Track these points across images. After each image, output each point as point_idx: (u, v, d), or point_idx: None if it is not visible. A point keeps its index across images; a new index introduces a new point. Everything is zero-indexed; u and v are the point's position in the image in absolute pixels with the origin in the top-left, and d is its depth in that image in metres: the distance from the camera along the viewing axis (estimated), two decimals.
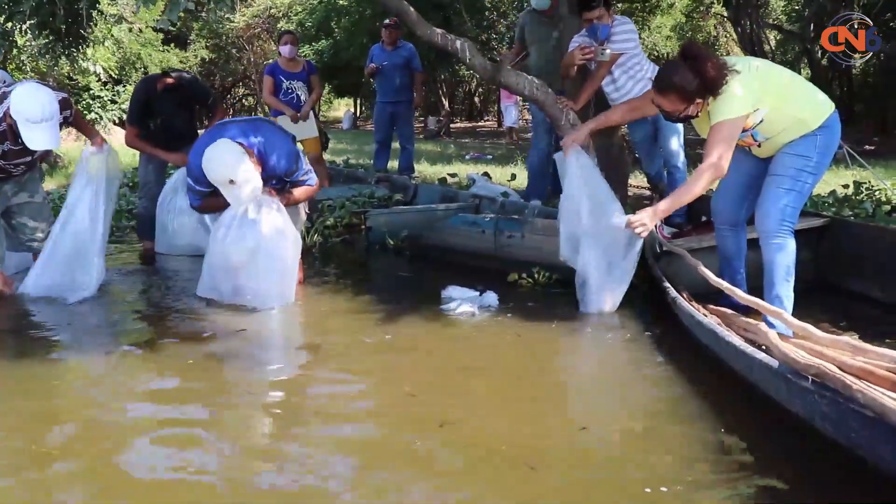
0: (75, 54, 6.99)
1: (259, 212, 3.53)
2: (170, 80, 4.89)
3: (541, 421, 2.44)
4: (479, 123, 22.54)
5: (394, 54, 7.34)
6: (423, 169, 8.66)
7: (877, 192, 5.93)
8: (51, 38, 6.19)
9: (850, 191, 5.85)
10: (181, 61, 18.91)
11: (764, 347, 2.51)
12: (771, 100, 3.09)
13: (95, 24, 7.12)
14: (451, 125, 18.60)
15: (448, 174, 6.76)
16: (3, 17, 5.55)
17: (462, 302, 3.50)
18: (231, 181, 3.43)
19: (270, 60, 23.63)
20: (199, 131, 4.77)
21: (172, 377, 2.87)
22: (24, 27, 5.84)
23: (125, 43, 13.71)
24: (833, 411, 1.99)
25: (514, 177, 6.77)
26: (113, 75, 11.51)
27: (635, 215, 3.23)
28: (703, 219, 4.96)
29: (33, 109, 3.58)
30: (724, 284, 3.19)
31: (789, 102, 3.13)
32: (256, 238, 3.51)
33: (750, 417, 2.36)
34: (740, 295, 3.05)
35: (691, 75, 3.03)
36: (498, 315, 3.48)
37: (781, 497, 1.89)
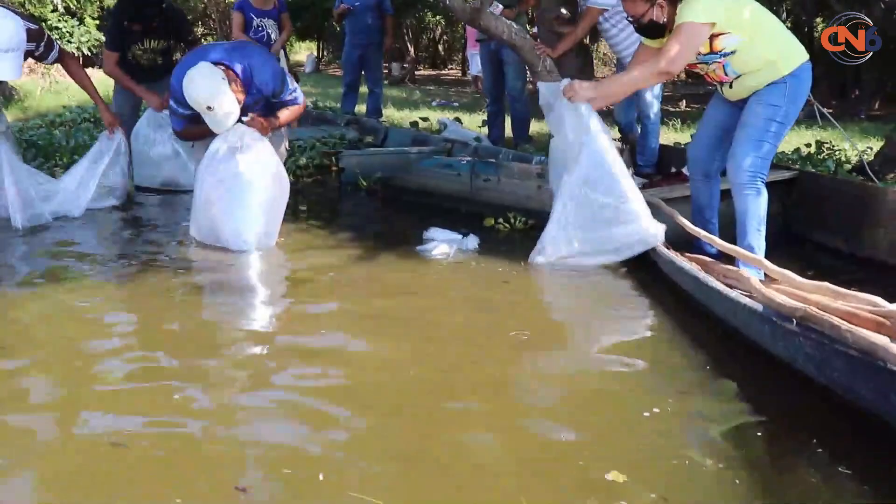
0: None
1: (241, 144, 3.41)
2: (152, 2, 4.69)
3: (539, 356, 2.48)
4: (443, 71, 22.28)
5: None
6: (391, 114, 8.55)
7: (837, 152, 6.05)
8: None
9: (813, 149, 5.96)
10: None
11: (745, 292, 2.56)
12: (744, 28, 3.13)
13: None
14: (416, 72, 18.36)
15: (420, 118, 6.68)
16: None
17: (440, 243, 3.48)
18: (209, 107, 3.34)
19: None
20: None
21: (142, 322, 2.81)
22: None
23: None
24: (817, 352, 2.04)
25: (484, 123, 6.72)
26: (71, 5, 11.01)
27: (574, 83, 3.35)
28: (673, 170, 5.02)
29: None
30: (702, 233, 3.25)
31: (762, 38, 3.17)
32: (235, 172, 3.39)
33: (732, 357, 2.41)
34: (718, 242, 3.10)
35: None
36: (478, 257, 3.47)
37: (766, 426, 1.96)
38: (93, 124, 7.03)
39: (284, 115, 3.74)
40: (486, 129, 6.45)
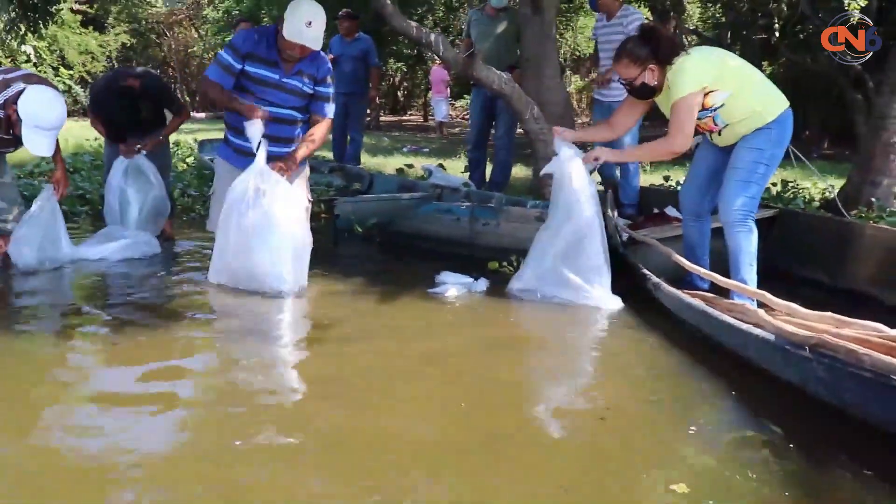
0: (42, 31, 6.77)
1: (267, 187, 3.50)
2: (132, 83, 4.70)
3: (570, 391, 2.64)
4: (404, 117, 22.66)
5: (352, 45, 7.42)
6: (365, 160, 8.71)
7: (801, 191, 6.41)
8: (17, 12, 5.99)
9: (779, 188, 6.30)
10: (100, 45, 18.32)
11: (753, 324, 2.75)
12: (730, 83, 3.38)
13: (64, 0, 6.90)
14: (379, 118, 18.66)
15: (405, 165, 6.87)
16: None
17: (452, 286, 3.65)
18: (309, 23, 3.56)
19: (195, 48, 23.31)
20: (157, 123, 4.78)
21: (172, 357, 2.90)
22: None
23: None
24: (829, 376, 2.24)
25: (467, 169, 6.93)
26: (43, 55, 11.04)
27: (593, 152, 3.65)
28: (655, 210, 5.27)
29: (49, 118, 3.63)
30: (701, 270, 3.47)
31: (747, 90, 3.42)
32: (267, 215, 3.48)
33: (746, 385, 2.60)
34: (718, 278, 3.32)
35: (642, 42, 3.43)
36: (489, 299, 3.63)
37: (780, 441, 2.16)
38: (70, 173, 7.06)
39: (302, 151, 3.83)
40: (467, 175, 6.67)
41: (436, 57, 18.27)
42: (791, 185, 6.43)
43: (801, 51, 10.93)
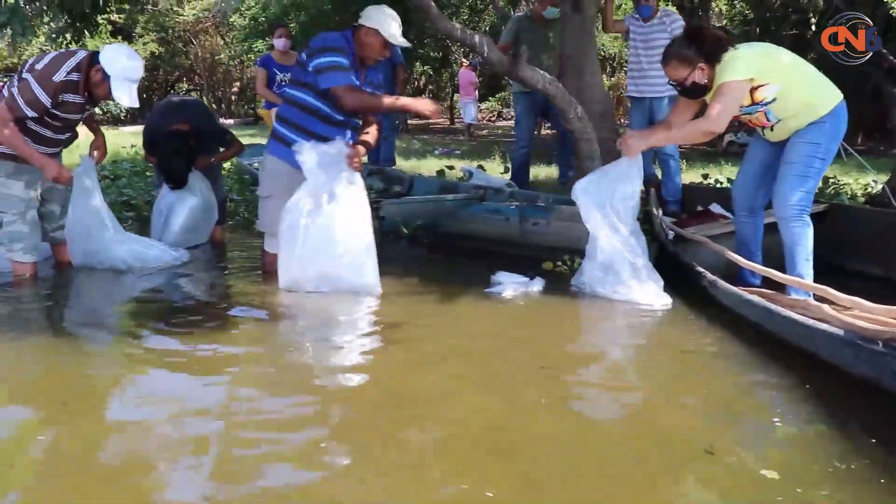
0: (84, 40, 6.93)
1: (339, 189, 3.55)
2: (181, 128, 4.84)
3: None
4: (431, 120, 22.69)
5: None
6: (399, 164, 8.77)
7: (843, 187, 6.36)
8: (66, 22, 6.13)
9: (820, 184, 6.26)
10: None
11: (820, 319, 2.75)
12: (780, 77, 3.40)
13: (111, 11, 7.05)
14: (408, 121, 18.74)
15: (446, 167, 6.93)
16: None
17: (509, 285, 3.68)
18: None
19: (221, 56, 23.56)
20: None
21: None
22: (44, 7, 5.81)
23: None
24: None
25: (507, 170, 6.97)
26: None
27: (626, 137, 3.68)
28: (699, 208, 5.26)
29: (136, 67, 3.85)
30: (759, 266, 3.47)
31: (798, 84, 3.43)
32: (340, 219, 3.54)
33: (815, 379, 2.59)
34: (777, 275, 3.32)
35: (687, 42, 3.45)
36: (547, 298, 3.66)
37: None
38: (111, 180, 7.20)
39: (370, 138, 3.98)
40: (507, 176, 6.70)
41: (463, 59, 18.49)
42: (832, 180, 6.39)
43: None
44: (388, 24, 3.71)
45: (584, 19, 5.51)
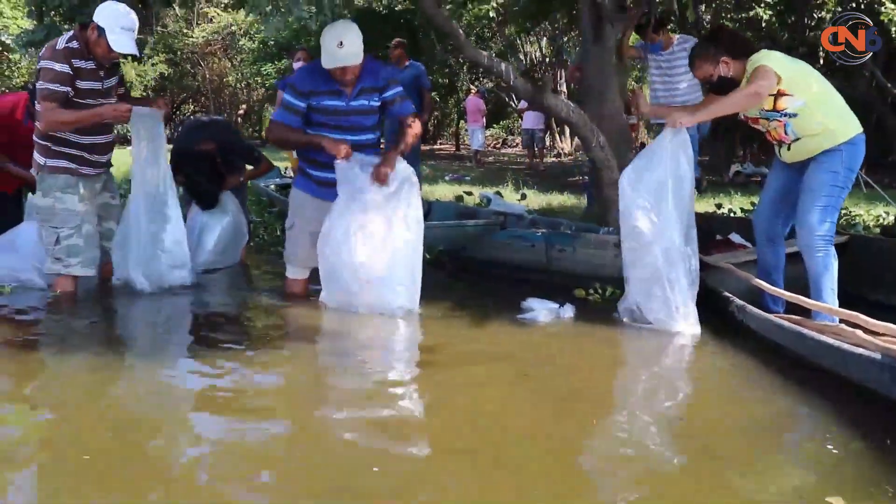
0: None
1: (381, 202, 3.68)
2: (208, 147, 4.92)
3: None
4: (435, 147, 22.87)
5: (404, 73, 7.56)
6: None
7: (855, 218, 6.44)
8: None
9: None
10: (139, 75, 18.74)
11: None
12: (804, 93, 3.49)
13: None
14: None
15: (464, 192, 7.01)
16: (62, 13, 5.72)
17: (540, 311, 3.75)
18: (340, 43, 3.67)
19: (229, 78, 23.75)
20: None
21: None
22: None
23: None
24: None
25: (523, 196, 7.04)
26: None
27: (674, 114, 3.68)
28: (719, 237, 5.32)
29: (130, 17, 3.87)
30: (787, 293, 3.53)
31: (822, 105, 3.53)
32: (383, 234, 3.67)
33: (852, 403, 2.67)
34: (806, 301, 3.38)
35: (707, 42, 3.69)
36: (578, 325, 3.72)
37: None
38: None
39: (412, 131, 4.04)
40: (524, 202, 6.78)
41: (471, 86, 18.64)
42: (843, 212, 6.46)
43: (837, 76, 11.01)
44: (325, 51, 3.74)
45: (605, 50, 5.63)
